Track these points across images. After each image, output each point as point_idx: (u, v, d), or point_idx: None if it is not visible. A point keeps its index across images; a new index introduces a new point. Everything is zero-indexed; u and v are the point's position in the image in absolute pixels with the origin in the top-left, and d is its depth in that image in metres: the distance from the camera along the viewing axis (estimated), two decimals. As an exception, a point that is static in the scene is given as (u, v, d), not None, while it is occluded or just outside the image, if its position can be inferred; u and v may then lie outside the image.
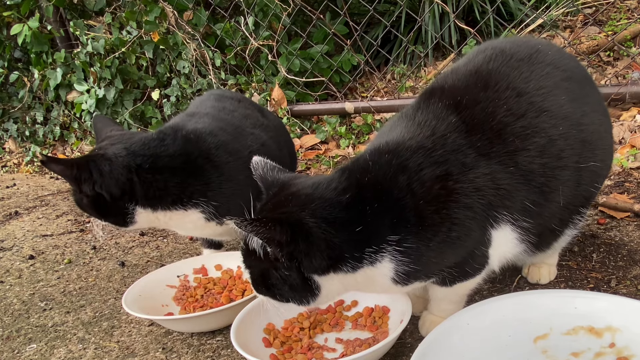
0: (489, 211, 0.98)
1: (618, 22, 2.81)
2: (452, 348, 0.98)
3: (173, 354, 1.32)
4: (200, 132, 1.46)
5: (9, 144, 4.45)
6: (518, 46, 1.13)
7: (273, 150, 1.62)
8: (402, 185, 0.94)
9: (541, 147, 1.00)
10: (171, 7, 3.22)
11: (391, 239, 0.93)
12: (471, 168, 0.96)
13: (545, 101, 1.03)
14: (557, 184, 1.03)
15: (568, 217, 1.12)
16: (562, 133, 1.03)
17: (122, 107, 3.50)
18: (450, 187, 0.95)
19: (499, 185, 0.98)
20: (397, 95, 2.88)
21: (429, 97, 1.09)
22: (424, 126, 1.02)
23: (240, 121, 1.62)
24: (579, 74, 1.15)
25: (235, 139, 1.51)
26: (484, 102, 1.02)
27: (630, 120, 2.19)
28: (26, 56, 4.00)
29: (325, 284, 0.96)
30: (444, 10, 2.89)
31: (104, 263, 1.98)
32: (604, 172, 1.17)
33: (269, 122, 1.75)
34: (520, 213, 1.01)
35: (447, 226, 0.95)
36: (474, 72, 1.09)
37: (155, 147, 1.39)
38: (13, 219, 2.78)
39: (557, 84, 1.07)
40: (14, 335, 1.55)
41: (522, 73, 1.06)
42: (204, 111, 1.62)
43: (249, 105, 1.79)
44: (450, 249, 0.97)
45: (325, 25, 3.00)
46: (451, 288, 1.08)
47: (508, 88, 1.03)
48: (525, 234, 1.05)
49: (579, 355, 0.98)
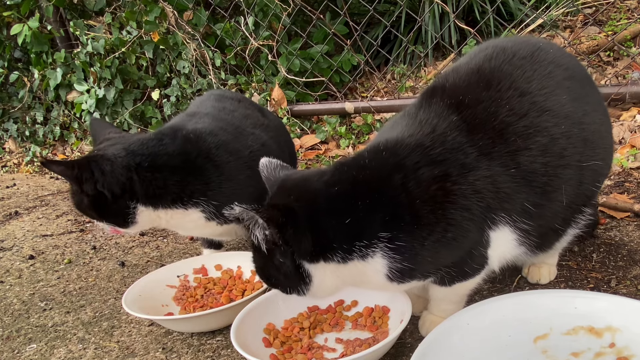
0: (487, 213, 0.98)
1: (618, 22, 2.81)
2: (452, 348, 0.98)
3: (173, 354, 1.32)
4: (200, 132, 1.46)
5: (9, 144, 4.45)
6: (519, 44, 1.13)
7: (274, 150, 1.62)
8: (397, 183, 0.95)
9: (543, 147, 1.00)
10: (171, 7, 3.22)
11: (382, 236, 0.94)
12: (471, 169, 0.96)
13: (547, 101, 1.03)
14: (559, 182, 1.03)
15: (571, 216, 1.12)
16: (564, 132, 1.02)
17: (122, 107, 3.50)
18: (448, 188, 0.95)
19: (499, 188, 0.97)
20: (397, 95, 2.88)
21: (430, 96, 1.09)
22: (425, 125, 1.02)
23: (241, 121, 1.62)
24: (580, 73, 1.15)
25: (235, 139, 1.51)
26: (486, 102, 1.02)
27: (630, 120, 2.19)
28: (26, 56, 4.01)
29: (317, 274, 0.99)
30: (444, 10, 2.89)
31: (104, 263, 1.98)
32: (605, 171, 1.17)
33: (270, 122, 1.75)
34: (519, 215, 1.01)
35: (443, 226, 0.95)
36: (475, 70, 1.08)
37: (154, 146, 1.40)
38: (13, 219, 2.78)
39: (559, 83, 1.06)
40: (14, 335, 1.55)
41: (524, 72, 1.06)
42: (204, 111, 1.62)
43: (249, 105, 1.79)
44: (446, 249, 0.97)
45: (325, 25, 3.00)
46: (450, 288, 1.08)
47: (510, 88, 1.03)
48: (525, 236, 1.04)
49: (579, 355, 0.98)
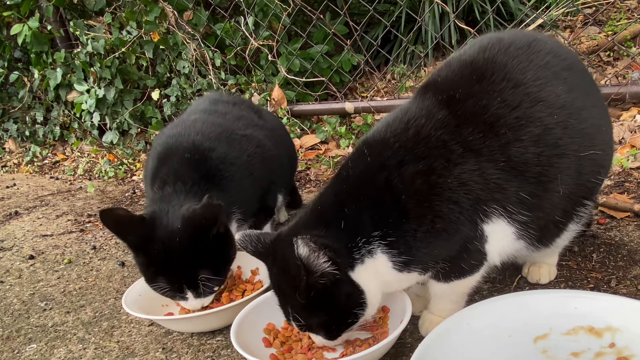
0: (478, 205, 0.98)
1: (618, 22, 2.81)
2: (452, 348, 0.98)
3: (173, 354, 1.32)
4: (204, 150, 1.47)
5: (9, 144, 4.45)
6: (515, 35, 1.13)
7: (269, 148, 1.64)
8: (380, 184, 0.98)
9: (536, 137, 1.00)
10: (171, 7, 3.23)
11: (375, 235, 0.99)
12: (457, 164, 0.97)
13: (542, 91, 1.03)
14: (555, 172, 1.02)
15: (571, 209, 1.11)
16: (558, 122, 1.02)
17: (122, 107, 3.50)
18: (433, 181, 0.97)
19: (487, 179, 0.98)
20: (397, 95, 2.88)
21: (424, 92, 1.09)
22: (412, 121, 1.04)
23: (233, 123, 1.63)
24: (579, 66, 1.15)
25: (229, 146, 1.52)
26: (478, 95, 1.02)
27: (630, 120, 2.19)
28: (26, 56, 4.01)
29: (361, 280, 1.01)
30: (444, 10, 2.89)
31: (104, 263, 1.98)
32: (605, 162, 1.16)
33: (266, 123, 1.77)
34: (514, 206, 1.01)
35: (430, 218, 0.97)
36: (469, 63, 1.08)
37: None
38: (13, 219, 2.78)
39: (556, 74, 1.06)
40: (14, 335, 1.55)
41: (520, 63, 1.05)
42: (192, 117, 1.63)
43: (245, 107, 1.80)
44: (438, 240, 0.99)
45: (325, 25, 3.00)
46: (449, 285, 1.08)
47: (505, 79, 1.03)
48: (524, 228, 1.04)
49: (579, 355, 0.98)
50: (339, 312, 1.03)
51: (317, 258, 0.93)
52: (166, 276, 1.27)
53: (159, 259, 1.25)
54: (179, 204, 1.32)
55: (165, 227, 1.26)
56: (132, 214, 1.27)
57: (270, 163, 1.63)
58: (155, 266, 1.26)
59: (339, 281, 0.98)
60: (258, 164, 1.57)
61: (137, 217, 1.27)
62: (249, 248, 1.08)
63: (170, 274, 1.27)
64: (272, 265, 1.06)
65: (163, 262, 1.25)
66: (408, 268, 1.02)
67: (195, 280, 1.27)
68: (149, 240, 1.25)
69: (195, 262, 1.26)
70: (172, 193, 1.36)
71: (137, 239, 1.26)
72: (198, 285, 1.28)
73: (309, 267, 0.94)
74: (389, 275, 1.03)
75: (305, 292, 0.98)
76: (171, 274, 1.27)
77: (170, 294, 1.30)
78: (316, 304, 1.00)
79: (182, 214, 1.27)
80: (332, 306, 1.01)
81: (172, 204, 1.32)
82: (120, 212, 1.24)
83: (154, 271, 1.27)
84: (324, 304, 1.01)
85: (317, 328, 1.06)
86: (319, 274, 0.95)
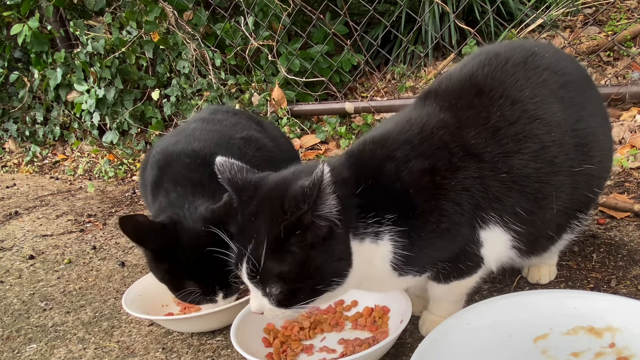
0: (477, 211, 0.99)
1: (618, 22, 2.81)
2: (452, 348, 0.98)
3: (173, 354, 1.32)
4: (204, 155, 1.45)
5: (9, 144, 4.45)
6: (513, 50, 1.12)
7: (270, 150, 1.64)
8: (390, 172, 0.97)
9: (534, 152, 1.01)
10: (171, 7, 3.22)
11: (389, 217, 0.94)
12: (459, 167, 0.97)
13: (538, 109, 1.03)
14: (550, 189, 1.03)
15: (565, 223, 1.12)
16: (555, 140, 1.02)
17: (122, 107, 3.50)
18: (438, 182, 0.97)
19: (488, 189, 0.98)
20: (397, 95, 2.88)
21: (425, 98, 1.11)
22: (415, 120, 1.04)
23: (230, 129, 1.63)
24: (578, 76, 1.14)
25: (229, 150, 1.51)
26: (478, 107, 1.03)
27: (630, 120, 2.19)
28: (26, 56, 4.01)
29: (354, 254, 0.93)
30: (444, 10, 2.89)
31: (104, 263, 1.98)
32: (603, 174, 1.16)
33: (267, 133, 1.77)
34: (511, 217, 1.01)
35: (436, 217, 0.96)
36: (468, 77, 1.09)
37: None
38: (13, 219, 2.78)
39: (552, 91, 1.06)
40: (14, 335, 1.55)
41: (517, 80, 1.05)
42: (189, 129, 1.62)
43: (245, 117, 1.80)
44: (441, 240, 0.98)
45: (325, 25, 3.00)
46: (448, 286, 1.08)
47: (502, 96, 1.03)
48: (517, 239, 1.04)
49: (579, 355, 0.98)
50: (314, 272, 0.88)
51: (329, 195, 0.83)
52: (197, 280, 1.24)
53: (188, 264, 1.23)
54: (192, 207, 1.30)
55: (188, 230, 1.23)
56: (152, 221, 1.25)
57: (272, 164, 1.63)
58: (184, 272, 1.24)
59: (334, 236, 0.88)
60: (260, 166, 1.57)
61: (157, 223, 1.24)
62: (225, 174, 0.97)
63: (201, 278, 1.24)
64: (247, 199, 0.95)
65: (192, 266, 1.23)
66: (405, 268, 0.99)
67: (227, 279, 1.25)
68: (173, 247, 1.22)
69: (225, 262, 1.25)
70: (181, 197, 1.34)
71: (160, 246, 1.22)
72: (230, 284, 1.26)
73: (318, 199, 0.82)
74: (378, 269, 0.98)
75: (288, 229, 0.85)
76: (202, 277, 1.24)
77: (201, 298, 1.27)
78: (291, 251, 0.87)
79: (202, 216, 1.25)
80: (310, 260, 0.87)
81: (185, 208, 1.30)
82: (140, 219, 1.21)
83: (182, 277, 1.25)
84: (302, 254, 0.87)
85: (274, 283, 0.90)
86: (322, 216, 0.85)
